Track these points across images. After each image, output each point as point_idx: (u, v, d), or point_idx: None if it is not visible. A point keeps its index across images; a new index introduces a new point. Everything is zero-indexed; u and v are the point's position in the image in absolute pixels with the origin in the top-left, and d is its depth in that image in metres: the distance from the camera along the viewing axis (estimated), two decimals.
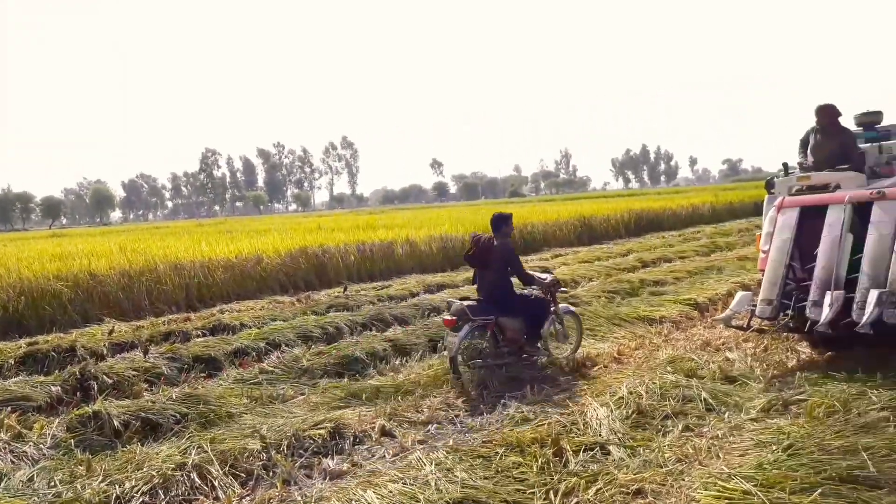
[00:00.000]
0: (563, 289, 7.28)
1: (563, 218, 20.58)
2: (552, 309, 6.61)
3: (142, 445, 4.81)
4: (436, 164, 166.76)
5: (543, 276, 6.68)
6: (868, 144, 7.71)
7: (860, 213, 6.05)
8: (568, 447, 4.29)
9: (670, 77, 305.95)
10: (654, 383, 5.27)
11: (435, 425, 5.14)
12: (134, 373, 6.46)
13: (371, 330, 8.32)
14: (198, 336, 8.06)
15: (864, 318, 5.34)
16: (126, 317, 9.99)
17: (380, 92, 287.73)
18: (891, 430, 4.13)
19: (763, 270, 6.46)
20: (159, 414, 5.30)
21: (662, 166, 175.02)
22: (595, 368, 6.39)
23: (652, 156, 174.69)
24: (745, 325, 6.53)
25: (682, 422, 4.68)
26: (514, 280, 6.52)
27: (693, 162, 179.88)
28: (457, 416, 5.32)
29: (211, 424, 5.23)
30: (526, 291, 6.68)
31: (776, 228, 6.52)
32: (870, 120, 8.01)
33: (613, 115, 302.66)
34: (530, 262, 14.77)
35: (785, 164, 7.57)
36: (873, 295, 5.41)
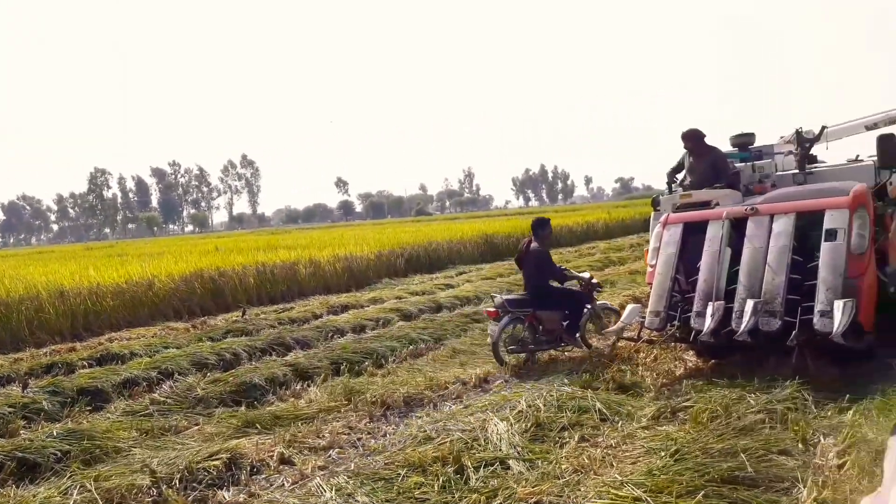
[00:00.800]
0: (599, 287, 7.95)
1: (468, 236, 20.90)
2: (588, 305, 7.38)
3: (17, 488, 4.46)
4: (341, 183, 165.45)
5: (584, 274, 7.62)
6: (742, 164, 8.28)
7: (737, 228, 6.48)
8: (469, 464, 4.32)
9: (565, 98, 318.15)
10: (551, 395, 5.40)
11: (336, 450, 5.06)
12: (10, 409, 5.99)
13: (271, 355, 8.11)
14: (83, 367, 7.60)
15: (742, 327, 5.70)
16: (3, 349, 9.28)
17: (282, 108, 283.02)
18: (766, 431, 4.43)
19: (651, 284, 6.79)
20: (38, 452, 4.94)
21: (560, 185, 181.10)
22: (497, 383, 6.49)
23: (550, 175, 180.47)
24: (635, 337, 6.83)
25: (578, 432, 4.82)
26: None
27: (588, 181, 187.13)
28: (359, 439, 5.26)
29: (96, 461, 4.92)
30: (566, 287, 7.57)
31: (662, 244, 6.87)
32: (743, 141, 8.61)
33: (514, 135, 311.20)
34: (435, 280, 14.93)
35: (669, 184, 8.02)
36: (749, 304, 5.79)
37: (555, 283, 7.45)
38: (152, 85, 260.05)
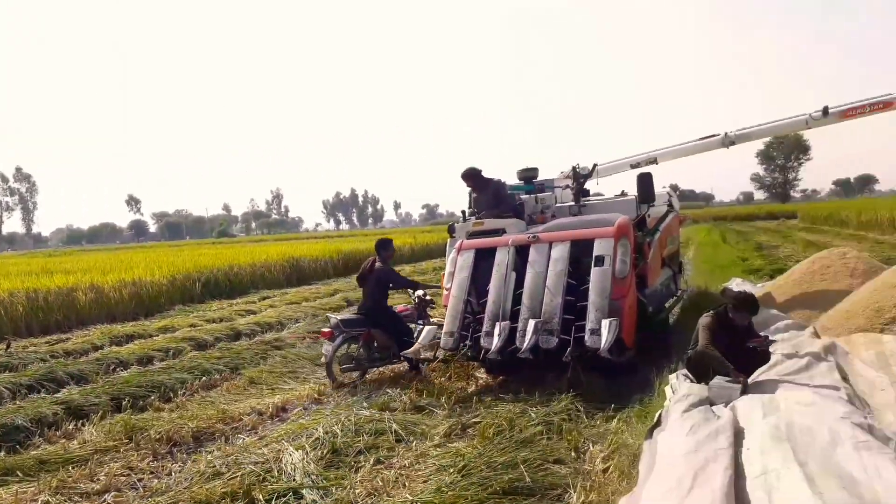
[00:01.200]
0: (432, 304, 8.21)
1: (273, 259, 20.32)
2: (421, 321, 7.66)
3: None
4: (133, 201, 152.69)
5: (420, 292, 7.97)
6: (527, 195, 8.99)
7: (521, 255, 7.01)
8: (261, 497, 4.20)
9: (377, 123, 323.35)
10: (349, 420, 5.42)
11: (113, 493, 4.64)
12: None
13: (39, 392, 7.28)
14: None
15: (525, 345, 6.17)
16: None
17: (63, 119, 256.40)
18: (544, 442, 4.80)
19: (446, 306, 7.11)
20: None
21: (370, 209, 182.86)
22: (295, 411, 6.37)
23: (361, 199, 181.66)
24: (432, 357, 7.09)
25: (374, 455, 4.88)
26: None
27: (397, 206, 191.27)
28: (140, 479, 4.87)
29: None
30: (398, 309, 7.93)
31: (456, 268, 7.23)
32: (528, 175, 9.34)
33: (325, 158, 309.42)
34: (235, 306, 14.29)
35: (464, 212, 8.48)
36: (531, 324, 6.28)
37: (390, 303, 7.75)
38: None
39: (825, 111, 9.30)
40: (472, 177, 8.34)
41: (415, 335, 7.35)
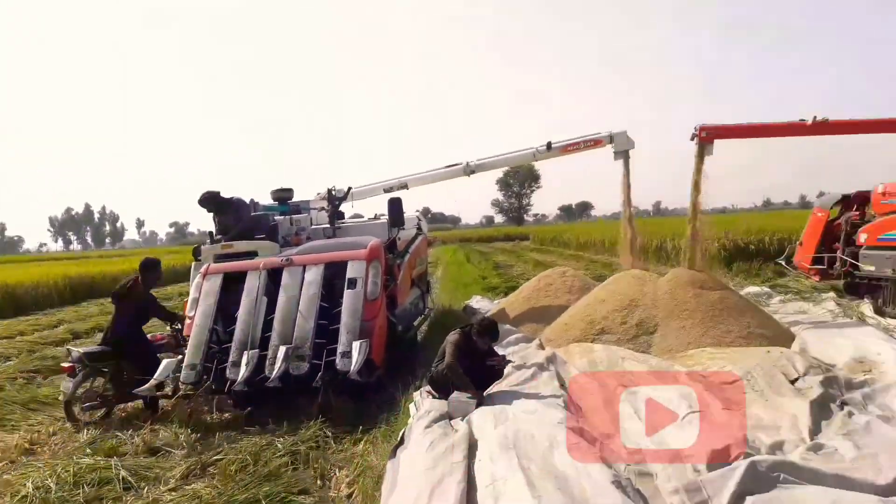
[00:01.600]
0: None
1: None
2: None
3: None
4: None
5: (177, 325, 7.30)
6: (282, 217, 8.83)
7: (274, 278, 6.83)
8: None
9: (114, 131, 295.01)
10: (67, 471, 4.79)
11: None
12: None
13: None
14: None
15: (275, 373, 5.99)
16: None
17: None
18: (289, 473, 4.69)
19: (189, 336, 6.66)
20: None
21: (108, 227, 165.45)
22: (0, 466, 5.48)
23: (96, 216, 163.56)
24: (170, 393, 6.56)
25: None
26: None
27: (140, 224, 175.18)
28: None
29: None
30: (154, 337, 7.32)
31: (202, 294, 6.82)
32: (282, 196, 9.20)
33: (51, 169, 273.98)
34: None
35: (211, 233, 8.06)
36: (282, 351, 6.13)
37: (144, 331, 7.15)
38: None
39: (548, 146, 10.45)
40: (210, 202, 8.01)
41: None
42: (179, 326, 7.34)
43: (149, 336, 7.50)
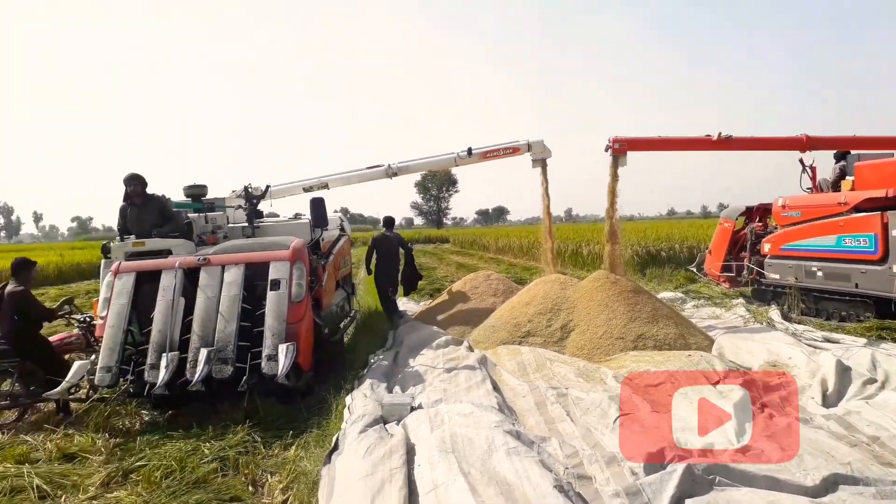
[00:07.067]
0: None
1: None
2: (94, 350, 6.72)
3: None
4: None
5: (80, 316, 7.19)
6: (196, 214, 8.46)
7: (191, 278, 6.54)
8: None
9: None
10: None
11: None
12: None
13: None
14: None
15: (196, 376, 5.74)
16: None
17: None
18: (219, 479, 4.50)
19: (101, 337, 6.30)
20: None
21: (2, 220, 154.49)
22: None
23: None
24: (85, 397, 6.21)
25: None
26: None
27: (38, 217, 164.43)
28: None
29: None
30: (59, 336, 7.06)
31: (113, 293, 6.46)
32: (196, 192, 8.82)
33: None
34: None
35: (120, 229, 7.65)
36: (203, 353, 5.88)
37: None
38: None
39: (469, 151, 10.54)
40: (140, 183, 7.56)
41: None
42: (82, 317, 7.17)
43: (56, 336, 7.07)
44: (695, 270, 13.58)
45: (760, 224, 11.56)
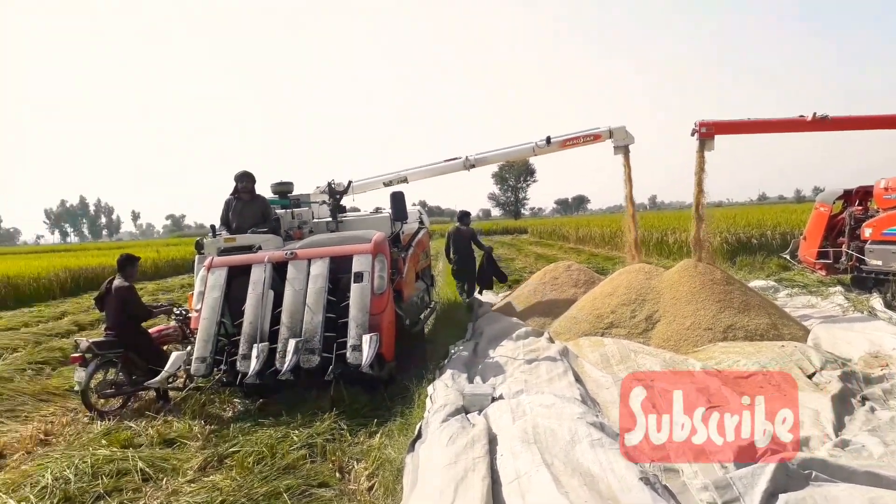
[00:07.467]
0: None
1: None
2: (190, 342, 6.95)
3: None
4: None
5: (178, 310, 7.53)
6: (283, 210, 8.76)
7: (279, 272, 6.80)
8: None
9: (108, 124, 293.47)
10: (84, 462, 4.78)
11: None
12: None
13: None
14: None
15: (285, 366, 5.97)
16: None
17: None
18: (307, 465, 4.67)
19: (197, 329, 6.63)
20: None
21: (104, 220, 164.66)
22: (17, 456, 5.46)
23: (92, 208, 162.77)
24: (182, 385, 6.56)
25: (116, 499, 4.37)
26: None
27: (136, 216, 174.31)
28: None
29: None
30: (157, 329, 7.42)
31: (207, 287, 6.79)
32: (283, 189, 9.12)
33: (44, 161, 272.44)
34: None
35: (213, 227, 7.99)
36: (291, 344, 6.11)
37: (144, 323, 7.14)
38: None
39: (548, 140, 10.37)
40: (250, 180, 7.96)
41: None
42: (178, 311, 7.51)
43: (154, 328, 7.48)
44: (788, 258, 12.95)
45: (860, 207, 10.89)
